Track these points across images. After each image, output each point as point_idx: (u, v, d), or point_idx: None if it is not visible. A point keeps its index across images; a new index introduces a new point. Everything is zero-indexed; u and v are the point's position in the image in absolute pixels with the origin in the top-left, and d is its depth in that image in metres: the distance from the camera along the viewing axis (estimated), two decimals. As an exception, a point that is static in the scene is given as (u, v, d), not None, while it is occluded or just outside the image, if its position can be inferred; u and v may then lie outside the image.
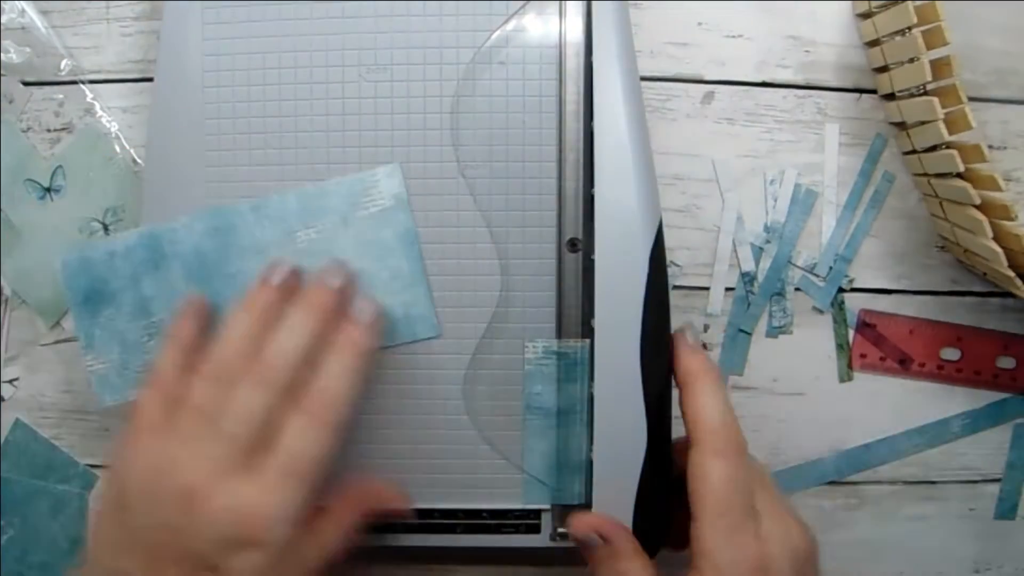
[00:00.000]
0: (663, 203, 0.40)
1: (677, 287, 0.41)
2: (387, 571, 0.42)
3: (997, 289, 0.42)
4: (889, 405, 0.42)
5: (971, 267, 0.41)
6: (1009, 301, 0.42)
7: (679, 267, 0.41)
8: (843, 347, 0.42)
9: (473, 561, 0.40)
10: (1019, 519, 0.43)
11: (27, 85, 0.41)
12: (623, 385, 0.33)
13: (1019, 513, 0.43)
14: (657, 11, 0.41)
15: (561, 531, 0.37)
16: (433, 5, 0.36)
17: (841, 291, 0.41)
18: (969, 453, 0.42)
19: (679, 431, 0.33)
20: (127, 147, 0.41)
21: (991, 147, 0.41)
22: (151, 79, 0.38)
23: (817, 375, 0.42)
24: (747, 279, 0.41)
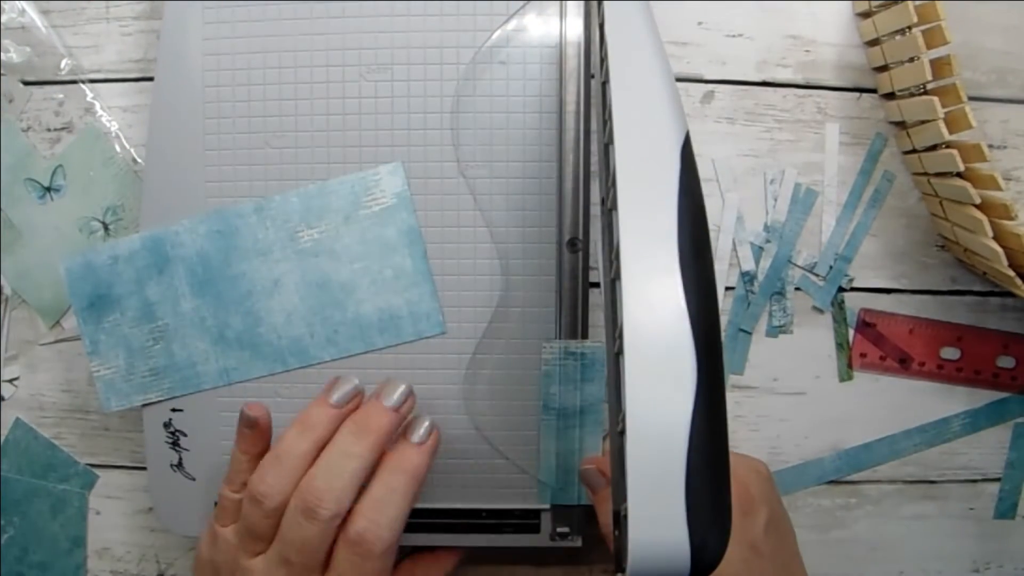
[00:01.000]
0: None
1: (677, 287, 0.41)
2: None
3: (997, 288, 0.42)
4: (889, 404, 0.42)
5: (971, 266, 0.41)
6: (1009, 300, 0.42)
7: (679, 267, 0.41)
8: (843, 346, 0.42)
9: (473, 561, 0.40)
10: (1019, 518, 0.43)
11: (27, 84, 0.41)
12: (662, 301, 0.24)
13: (1019, 512, 0.43)
14: (657, 11, 0.40)
15: (561, 531, 0.37)
16: (433, 5, 0.36)
17: (841, 290, 0.41)
18: (969, 452, 0.42)
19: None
20: (127, 146, 0.41)
21: (991, 146, 0.41)
22: (151, 79, 0.38)
23: (817, 374, 0.42)
24: (747, 278, 0.41)
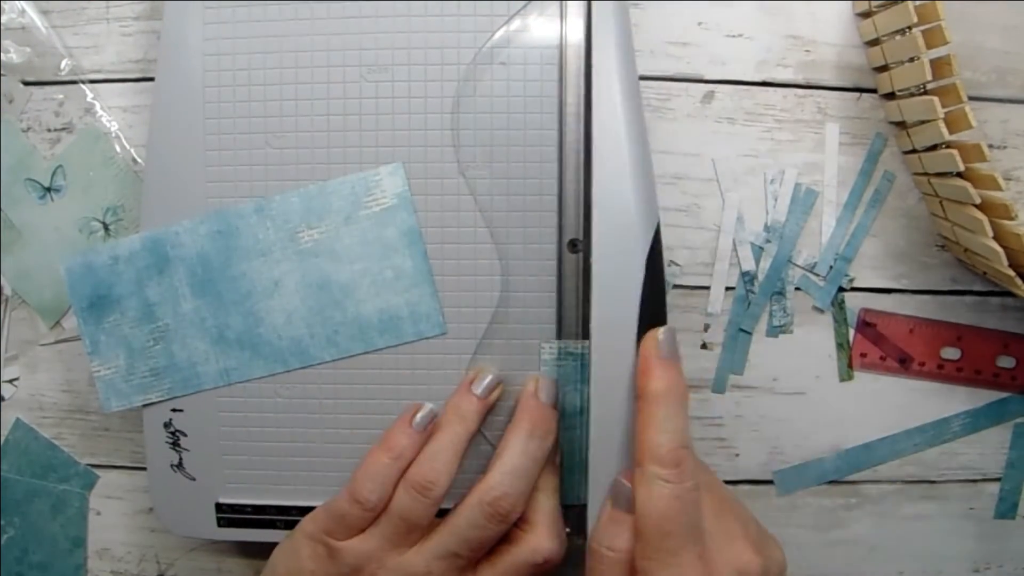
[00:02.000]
0: (664, 203, 0.40)
1: (677, 286, 0.41)
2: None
3: (997, 288, 0.42)
4: (889, 404, 0.42)
5: (971, 266, 0.41)
6: (1009, 300, 0.42)
7: (679, 266, 0.41)
8: (843, 346, 0.42)
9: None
10: (1019, 518, 0.43)
11: (27, 85, 0.41)
12: (618, 385, 0.33)
13: (1019, 512, 0.43)
14: (657, 11, 0.41)
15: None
16: (434, 5, 0.36)
17: (841, 290, 0.41)
18: (969, 452, 0.42)
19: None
20: (127, 147, 0.41)
21: (991, 146, 0.41)
22: (151, 79, 0.38)
23: (817, 374, 0.42)
24: (747, 278, 0.41)
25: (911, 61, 0.37)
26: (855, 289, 0.42)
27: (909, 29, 0.37)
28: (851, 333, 0.42)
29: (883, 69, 0.40)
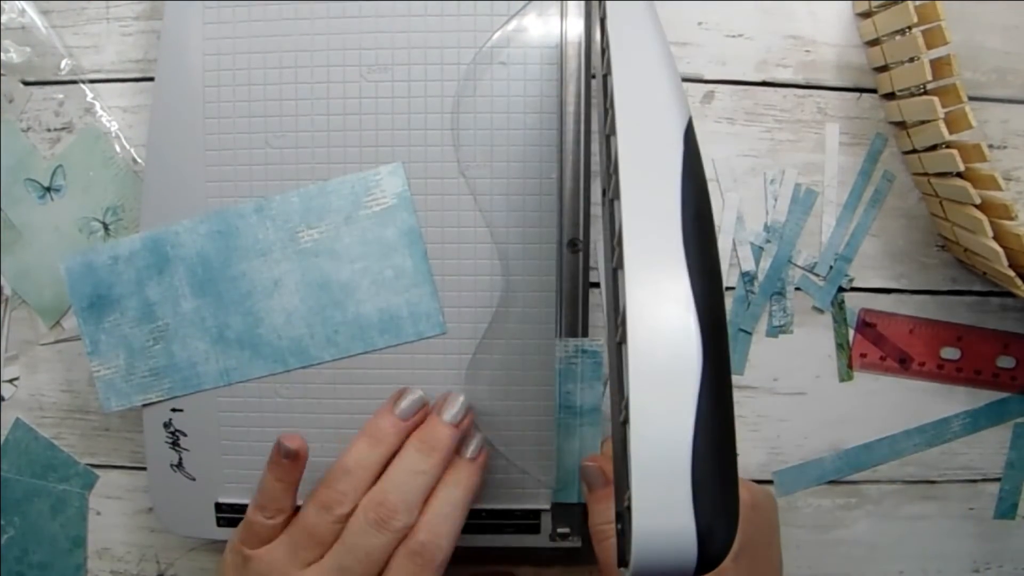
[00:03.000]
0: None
1: (677, 287, 0.41)
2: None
3: (997, 288, 0.42)
4: (889, 404, 0.42)
5: (971, 266, 0.41)
6: (1009, 300, 0.42)
7: (679, 267, 0.41)
8: (843, 346, 0.42)
9: (472, 561, 0.40)
10: (1019, 518, 0.43)
11: (27, 85, 0.41)
12: (665, 285, 0.21)
13: (1019, 512, 0.43)
14: (657, 11, 0.41)
15: (561, 531, 0.37)
16: (433, 5, 0.36)
17: (841, 290, 0.41)
18: (969, 452, 0.42)
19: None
20: (127, 147, 0.41)
21: (991, 146, 0.41)
22: (151, 79, 0.38)
23: (817, 374, 0.42)
24: (747, 279, 0.41)
25: (911, 61, 0.37)
26: (855, 289, 0.42)
27: (909, 29, 0.37)
28: (851, 333, 0.42)
29: (883, 69, 0.40)
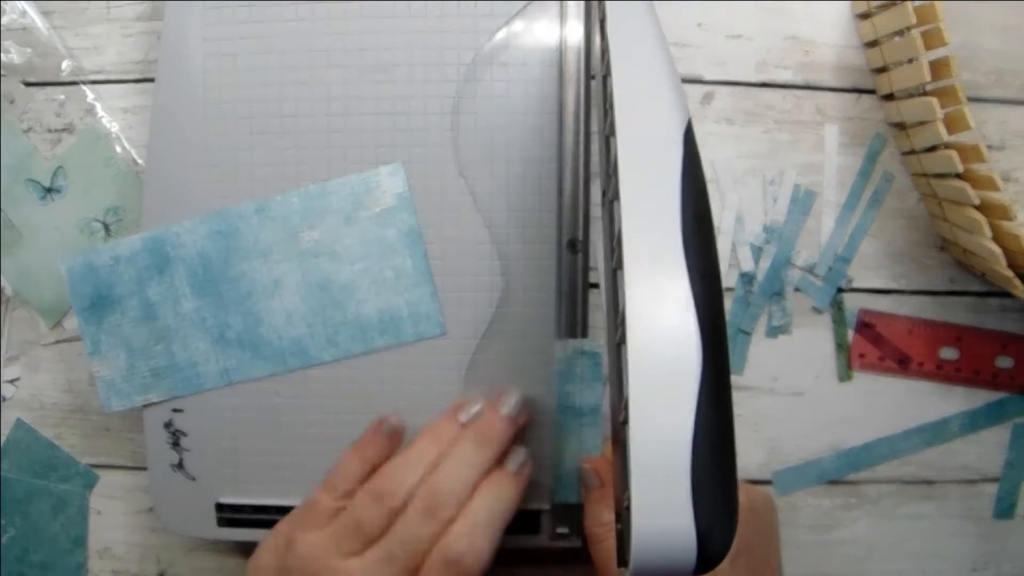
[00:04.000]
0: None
1: (677, 287, 0.41)
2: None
3: (996, 289, 0.42)
4: (888, 405, 0.42)
5: (970, 267, 0.41)
6: (1008, 301, 0.42)
7: (679, 267, 0.41)
8: (842, 347, 0.42)
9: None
10: (1017, 519, 0.43)
11: (28, 86, 0.41)
12: (665, 285, 0.23)
13: (1017, 513, 0.43)
14: (657, 11, 0.41)
15: (561, 531, 0.37)
16: (433, 5, 0.36)
17: (840, 291, 0.42)
18: (968, 453, 0.42)
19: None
20: (128, 147, 0.41)
21: (990, 147, 0.41)
22: (152, 80, 0.38)
23: (817, 375, 0.42)
24: (746, 279, 0.41)
25: (910, 62, 0.37)
26: (854, 290, 0.42)
27: (908, 30, 0.37)
28: (850, 333, 0.42)
29: (882, 70, 0.40)
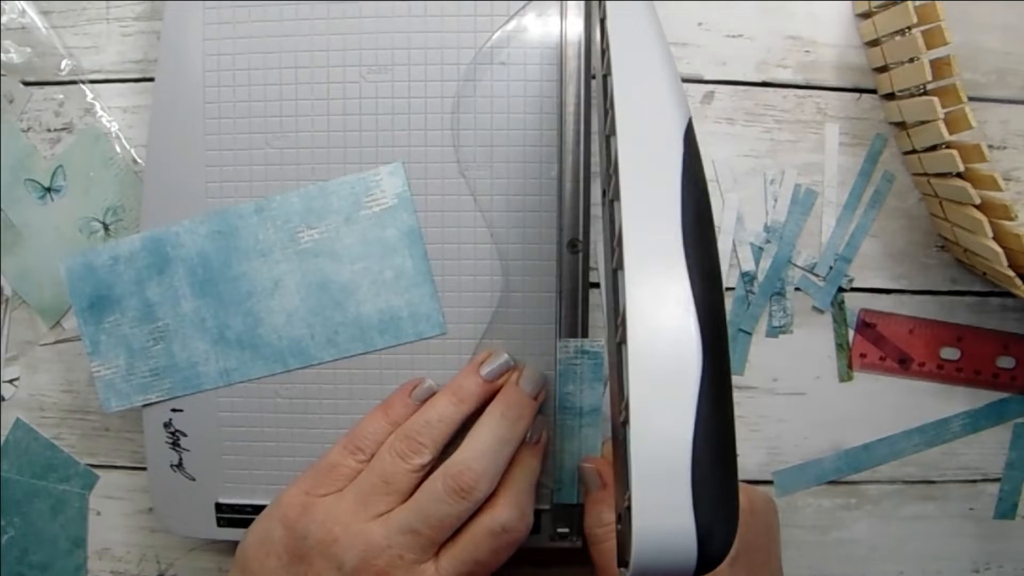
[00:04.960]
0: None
1: (677, 287, 0.41)
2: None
3: (997, 289, 0.42)
4: (889, 405, 0.42)
5: (971, 267, 0.41)
6: (1009, 301, 0.42)
7: (679, 267, 0.41)
8: (843, 347, 0.42)
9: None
10: (1019, 519, 0.43)
11: (27, 85, 0.41)
12: (665, 286, 0.22)
13: (1019, 513, 0.43)
14: (657, 11, 0.41)
15: (561, 531, 0.37)
16: (433, 5, 0.36)
17: (841, 291, 0.41)
18: (969, 453, 0.42)
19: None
20: (127, 147, 0.41)
21: (991, 147, 0.41)
22: (152, 79, 0.38)
23: (817, 375, 0.42)
24: (747, 279, 0.41)
25: (911, 62, 0.37)
26: (855, 289, 0.42)
27: (909, 30, 0.37)
28: (851, 334, 0.42)
29: (883, 70, 0.40)
